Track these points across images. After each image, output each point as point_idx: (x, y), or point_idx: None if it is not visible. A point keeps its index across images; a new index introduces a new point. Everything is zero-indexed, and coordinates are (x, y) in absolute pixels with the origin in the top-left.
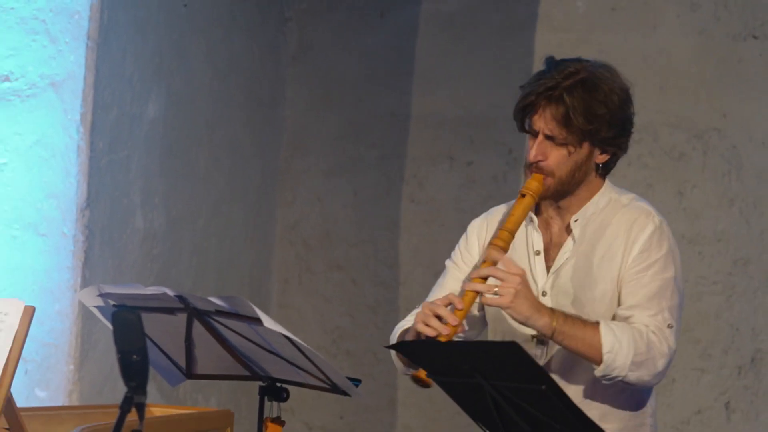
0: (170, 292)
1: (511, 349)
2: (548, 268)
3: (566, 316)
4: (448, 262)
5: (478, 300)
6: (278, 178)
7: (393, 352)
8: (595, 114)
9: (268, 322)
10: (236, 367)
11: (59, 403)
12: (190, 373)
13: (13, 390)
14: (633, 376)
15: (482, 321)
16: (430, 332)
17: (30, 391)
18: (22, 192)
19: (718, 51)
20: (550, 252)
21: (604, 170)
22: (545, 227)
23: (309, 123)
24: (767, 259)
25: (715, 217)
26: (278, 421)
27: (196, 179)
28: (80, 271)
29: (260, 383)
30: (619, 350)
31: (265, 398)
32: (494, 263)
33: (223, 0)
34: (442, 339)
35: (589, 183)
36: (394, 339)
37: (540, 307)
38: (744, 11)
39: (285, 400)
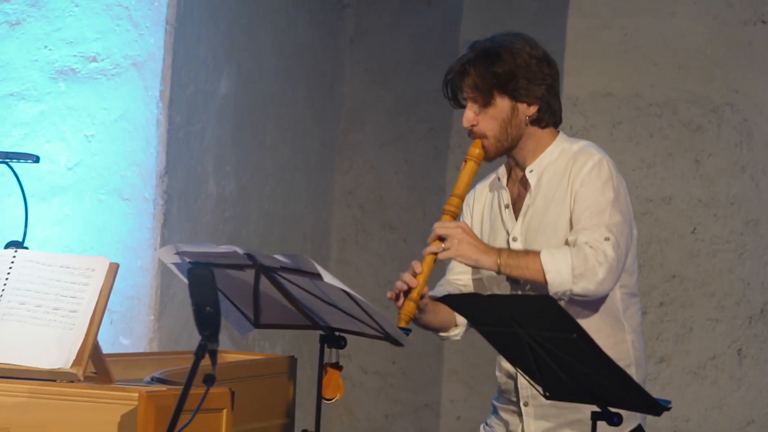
0: (240, 251)
1: (545, 302)
2: (518, 217)
3: (510, 252)
4: None
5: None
6: (337, 148)
7: None
8: (494, 73)
9: (327, 278)
10: (299, 317)
11: (141, 350)
12: (257, 323)
13: (99, 338)
14: (578, 288)
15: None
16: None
17: (115, 339)
18: (107, 161)
19: (730, 34)
20: (517, 203)
21: (539, 122)
22: (512, 184)
23: (365, 99)
24: None
25: (729, 183)
26: (337, 366)
27: (263, 149)
28: (159, 232)
29: (321, 332)
30: (558, 268)
31: (325, 345)
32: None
33: None
34: (411, 300)
35: (533, 136)
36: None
37: (486, 249)
38: None
39: (343, 347)
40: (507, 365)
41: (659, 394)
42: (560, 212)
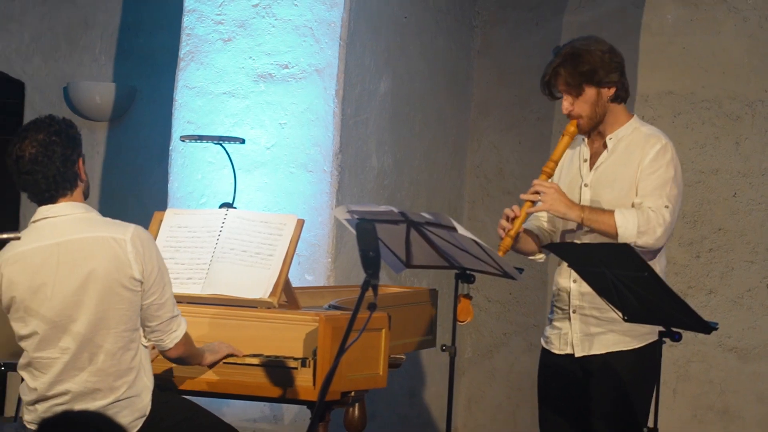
0: (395, 210)
1: (624, 248)
2: (591, 169)
3: (591, 209)
4: None
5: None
6: (468, 132)
7: None
8: (581, 71)
9: (461, 230)
10: (439, 260)
11: (321, 284)
12: (408, 264)
13: (290, 275)
14: (641, 241)
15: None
16: (501, 233)
17: (301, 276)
18: (296, 142)
19: (762, 48)
20: (593, 158)
21: (616, 99)
22: (591, 144)
23: (489, 96)
24: None
25: (760, 159)
26: (468, 296)
27: (413, 133)
28: (335, 196)
29: (455, 271)
30: (627, 225)
31: (459, 281)
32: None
33: (431, 14)
34: (509, 236)
35: (613, 112)
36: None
37: (572, 205)
38: None
39: (472, 282)
40: (563, 282)
41: (708, 318)
42: (626, 174)
